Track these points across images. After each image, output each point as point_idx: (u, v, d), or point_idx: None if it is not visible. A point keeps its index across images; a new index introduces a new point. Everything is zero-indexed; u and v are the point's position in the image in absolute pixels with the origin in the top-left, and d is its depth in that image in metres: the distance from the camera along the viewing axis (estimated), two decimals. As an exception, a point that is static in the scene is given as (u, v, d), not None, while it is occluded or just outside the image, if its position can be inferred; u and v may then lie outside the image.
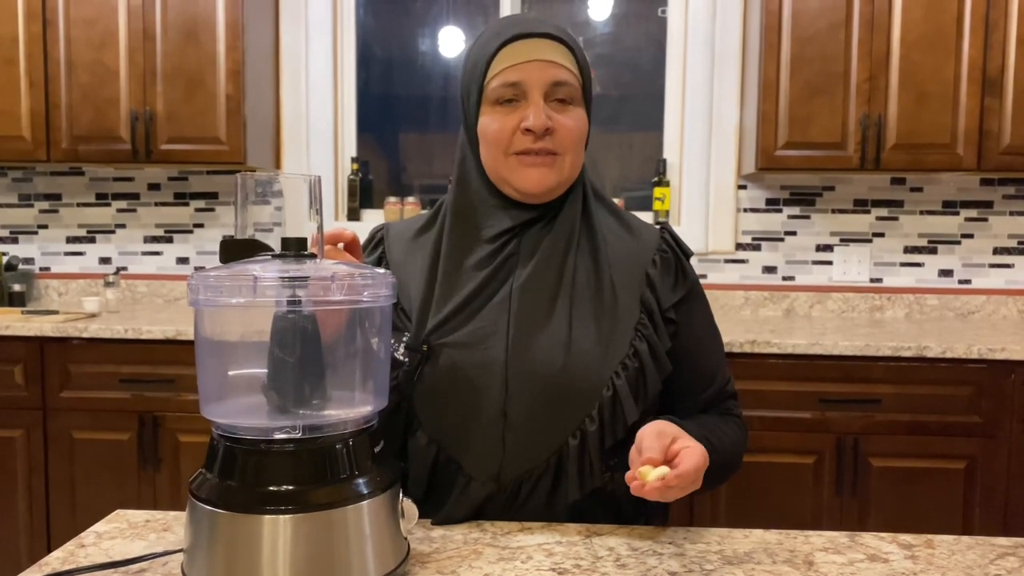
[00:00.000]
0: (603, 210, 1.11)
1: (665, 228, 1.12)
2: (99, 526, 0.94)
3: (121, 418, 2.44)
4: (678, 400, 1.10)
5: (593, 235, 1.07)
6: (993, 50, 2.44)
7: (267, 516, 0.73)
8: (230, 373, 0.85)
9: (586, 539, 0.93)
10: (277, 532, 0.73)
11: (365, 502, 0.77)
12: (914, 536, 0.95)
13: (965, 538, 0.94)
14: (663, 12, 2.97)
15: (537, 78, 1.00)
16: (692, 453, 0.88)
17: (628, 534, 0.94)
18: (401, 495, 0.81)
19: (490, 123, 1.02)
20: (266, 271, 0.78)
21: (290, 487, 0.74)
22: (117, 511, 0.98)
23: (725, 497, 2.28)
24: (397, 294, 1.05)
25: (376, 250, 1.15)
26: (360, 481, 0.77)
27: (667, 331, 1.05)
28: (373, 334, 0.84)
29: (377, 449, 0.82)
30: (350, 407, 0.81)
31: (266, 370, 0.79)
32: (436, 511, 0.99)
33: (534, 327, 1.01)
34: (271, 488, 0.74)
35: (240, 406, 0.82)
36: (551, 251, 1.04)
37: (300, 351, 0.79)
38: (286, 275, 0.78)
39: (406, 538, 0.83)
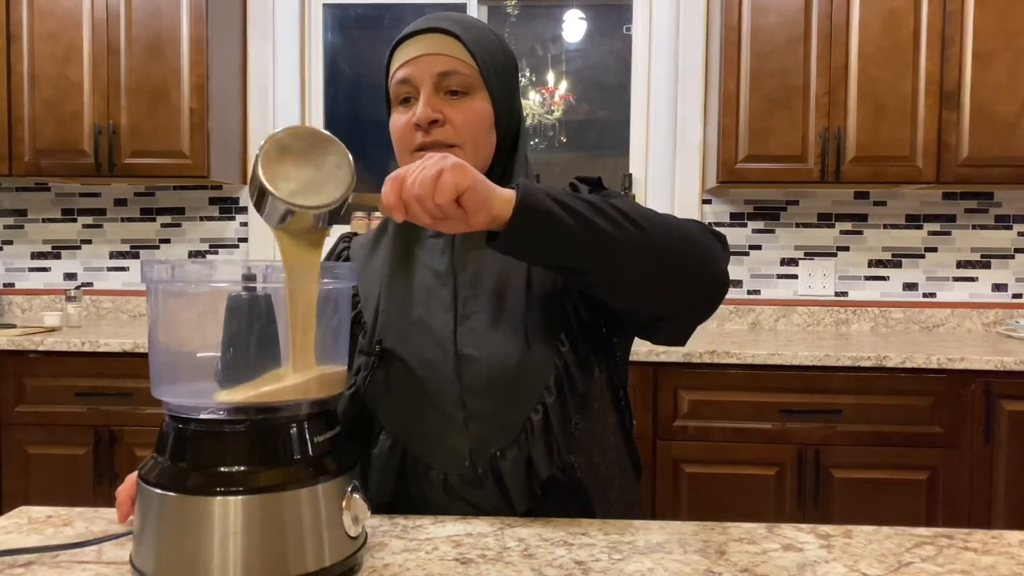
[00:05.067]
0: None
1: (578, 178, 1.09)
2: (-1, 520, 0.91)
3: (77, 433, 2.41)
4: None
5: None
6: (950, 64, 2.47)
7: (218, 498, 0.72)
8: (182, 353, 0.83)
9: (498, 531, 0.91)
10: (228, 514, 0.71)
11: (320, 485, 0.76)
12: (834, 527, 0.93)
13: (885, 528, 0.93)
14: (628, 29, 2.99)
15: (423, 72, 1.01)
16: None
17: (543, 526, 0.93)
18: (354, 493, 0.79)
19: (393, 124, 1.05)
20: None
21: (241, 468, 0.73)
22: (21, 507, 0.95)
23: (686, 509, 2.26)
24: (360, 304, 1.07)
25: None
26: (314, 464, 0.76)
27: None
28: (329, 317, 0.83)
29: (333, 433, 0.80)
30: (303, 389, 0.79)
31: (219, 352, 0.78)
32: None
33: (478, 313, 1.02)
34: (222, 469, 0.73)
35: (192, 387, 0.81)
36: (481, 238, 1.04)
37: (253, 332, 0.77)
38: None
39: (364, 529, 0.81)
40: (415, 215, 0.81)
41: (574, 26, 3.23)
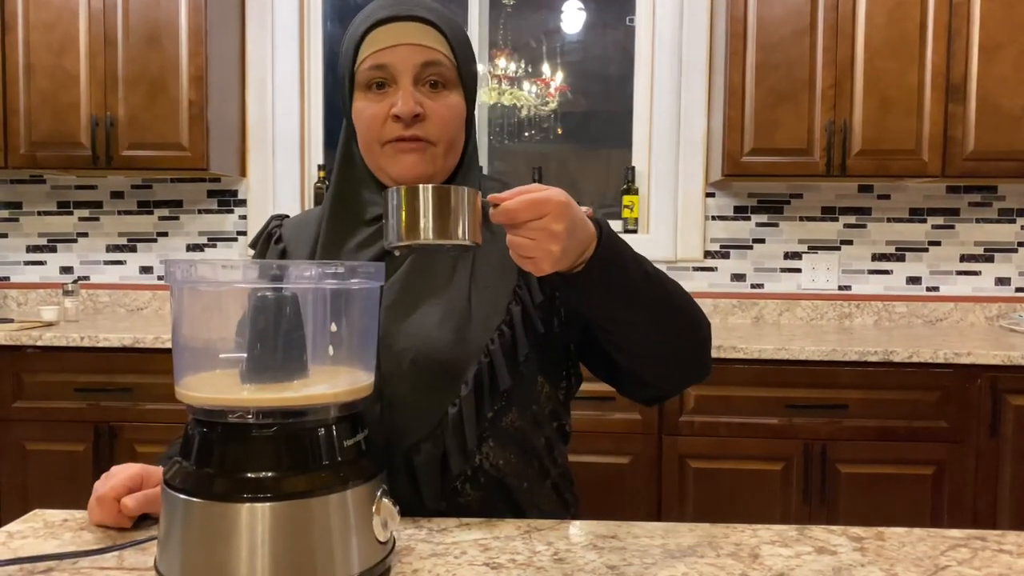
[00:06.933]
0: (496, 188, 1.08)
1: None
2: (13, 525, 0.89)
3: (76, 428, 2.38)
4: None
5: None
6: (956, 57, 2.45)
7: (245, 504, 0.70)
8: (206, 353, 0.80)
9: (525, 534, 0.89)
10: (255, 521, 0.70)
11: (349, 490, 0.74)
12: (865, 528, 0.92)
13: (917, 530, 0.92)
14: (631, 21, 2.97)
15: (405, 60, 0.98)
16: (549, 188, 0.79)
17: (570, 528, 0.91)
18: (383, 498, 0.77)
19: (363, 109, 1.00)
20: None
21: (270, 474, 0.71)
22: (35, 510, 0.93)
23: (692, 504, 2.25)
24: None
25: (277, 244, 1.11)
26: (343, 468, 0.74)
27: (543, 282, 1.01)
28: (357, 318, 0.81)
29: (362, 436, 0.78)
30: (332, 391, 0.77)
31: (245, 352, 0.75)
32: None
33: (408, 308, 0.99)
34: (249, 475, 0.71)
35: (217, 388, 0.78)
36: None
37: (279, 332, 0.75)
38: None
39: (392, 535, 0.79)
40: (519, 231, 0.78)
41: (573, 17, 3.21)
